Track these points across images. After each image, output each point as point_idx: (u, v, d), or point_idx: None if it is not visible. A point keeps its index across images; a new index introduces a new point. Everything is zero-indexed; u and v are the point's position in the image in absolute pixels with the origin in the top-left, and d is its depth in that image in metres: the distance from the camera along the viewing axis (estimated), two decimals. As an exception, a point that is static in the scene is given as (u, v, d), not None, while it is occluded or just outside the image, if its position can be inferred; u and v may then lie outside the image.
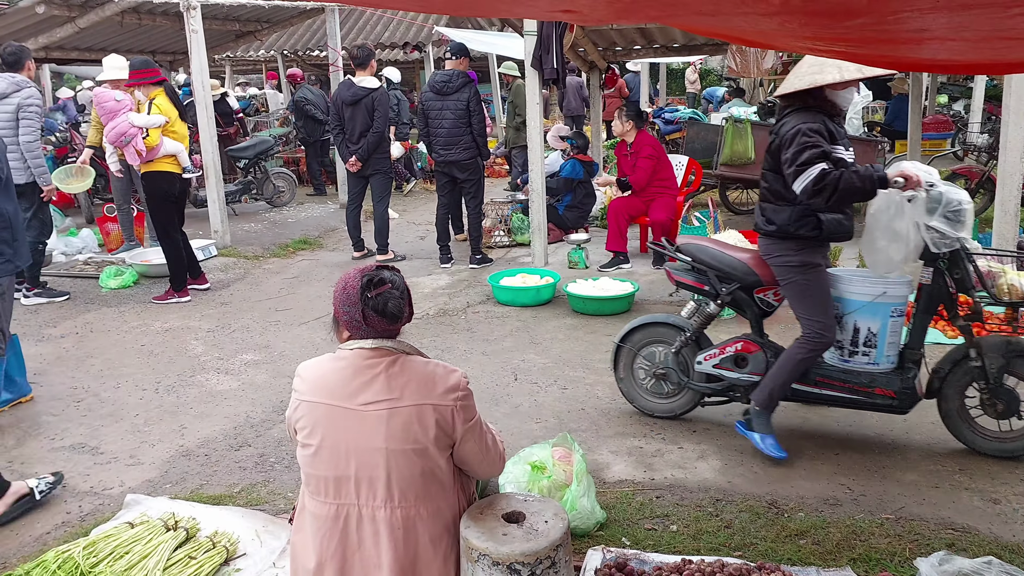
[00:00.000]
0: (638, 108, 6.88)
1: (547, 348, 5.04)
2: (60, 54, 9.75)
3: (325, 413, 2.16)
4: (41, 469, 3.65)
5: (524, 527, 2.23)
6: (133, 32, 9.34)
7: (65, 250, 7.78)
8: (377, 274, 2.22)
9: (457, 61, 6.85)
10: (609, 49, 9.32)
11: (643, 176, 6.66)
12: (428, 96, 6.87)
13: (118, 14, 8.16)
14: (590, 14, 1.60)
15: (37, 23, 8.06)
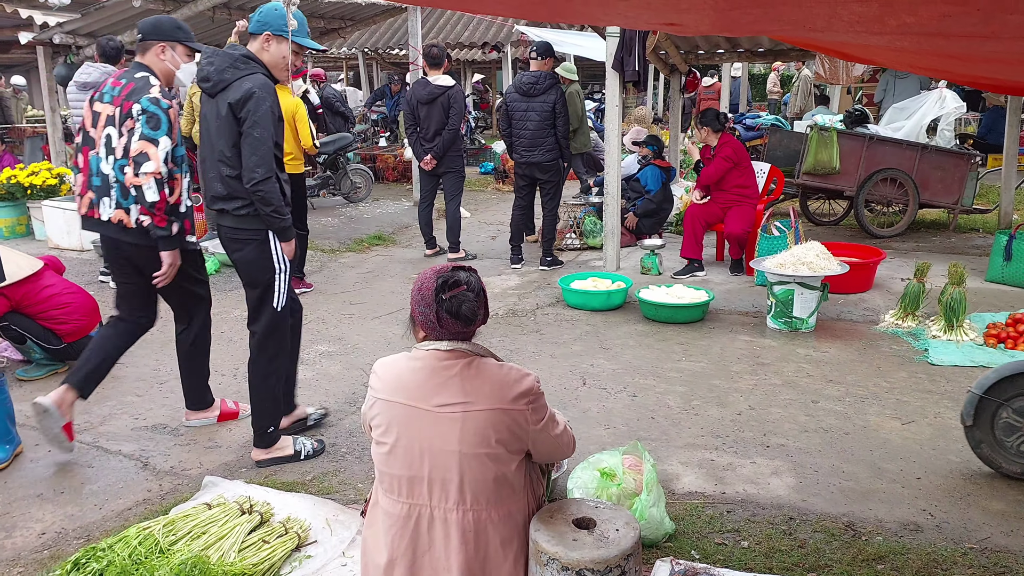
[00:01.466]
0: (716, 113, 6.74)
1: (617, 354, 4.99)
2: (155, 48, 10.15)
3: (401, 413, 2.17)
4: (125, 447, 3.80)
5: (595, 534, 2.21)
6: (222, 27, 9.63)
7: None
8: (453, 275, 2.22)
9: (543, 62, 6.84)
10: (691, 52, 9.18)
11: (712, 173, 6.52)
12: (513, 97, 6.88)
13: (210, 9, 8.42)
14: (695, 27, 1.57)
15: (133, 16, 8.36)
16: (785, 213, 7.14)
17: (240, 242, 3.44)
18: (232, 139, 3.30)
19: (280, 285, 3.48)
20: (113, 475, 3.54)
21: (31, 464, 3.65)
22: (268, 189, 3.27)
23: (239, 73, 3.30)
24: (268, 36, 3.38)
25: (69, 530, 3.11)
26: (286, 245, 3.45)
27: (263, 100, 3.24)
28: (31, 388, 4.52)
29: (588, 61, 15.43)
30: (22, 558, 2.92)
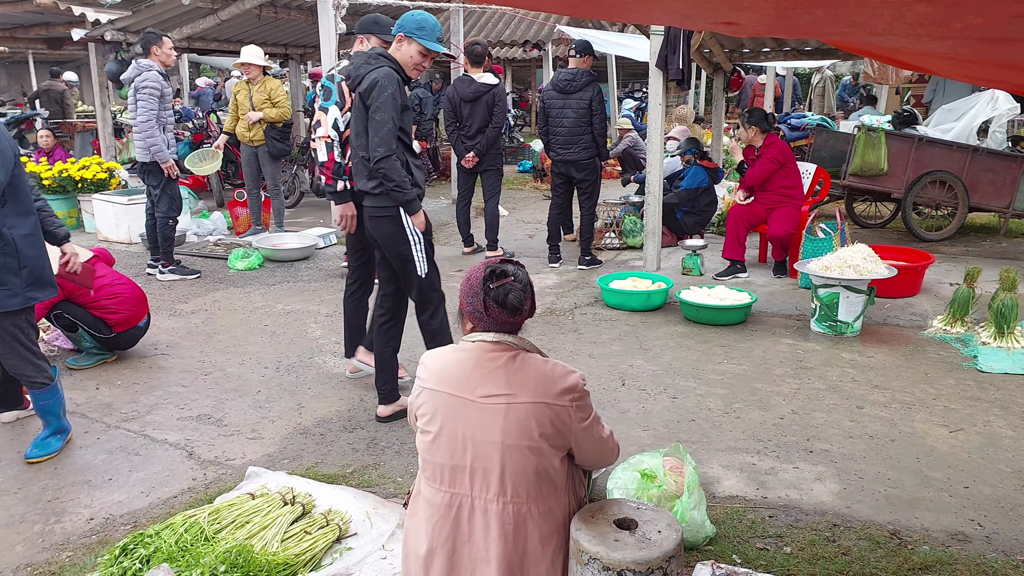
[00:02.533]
0: (763, 112, 6.65)
1: (657, 355, 4.96)
2: (201, 44, 10.34)
3: (445, 402, 2.19)
4: (170, 436, 3.88)
5: (636, 535, 2.19)
6: (269, 25, 9.78)
7: (197, 231, 8.24)
8: (500, 266, 2.25)
9: (581, 59, 6.81)
10: (736, 51, 9.07)
11: (758, 173, 6.43)
12: (550, 94, 6.87)
13: (257, 7, 8.55)
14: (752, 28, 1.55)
15: (182, 14, 8.54)
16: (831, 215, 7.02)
17: (378, 220, 3.81)
18: (364, 125, 3.70)
19: (417, 254, 3.82)
20: (159, 463, 3.62)
21: (80, 451, 3.74)
22: (389, 166, 3.61)
23: (369, 68, 3.69)
24: (401, 37, 3.72)
25: (116, 516, 3.18)
26: (415, 217, 3.77)
27: (385, 88, 3.59)
28: (80, 376, 4.63)
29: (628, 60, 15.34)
30: (71, 542, 3.00)
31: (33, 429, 3.94)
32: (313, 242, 7.68)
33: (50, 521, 3.14)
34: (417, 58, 3.72)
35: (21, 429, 3.96)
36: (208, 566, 2.48)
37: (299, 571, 2.65)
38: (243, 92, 7.73)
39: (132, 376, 4.65)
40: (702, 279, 6.50)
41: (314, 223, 8.82)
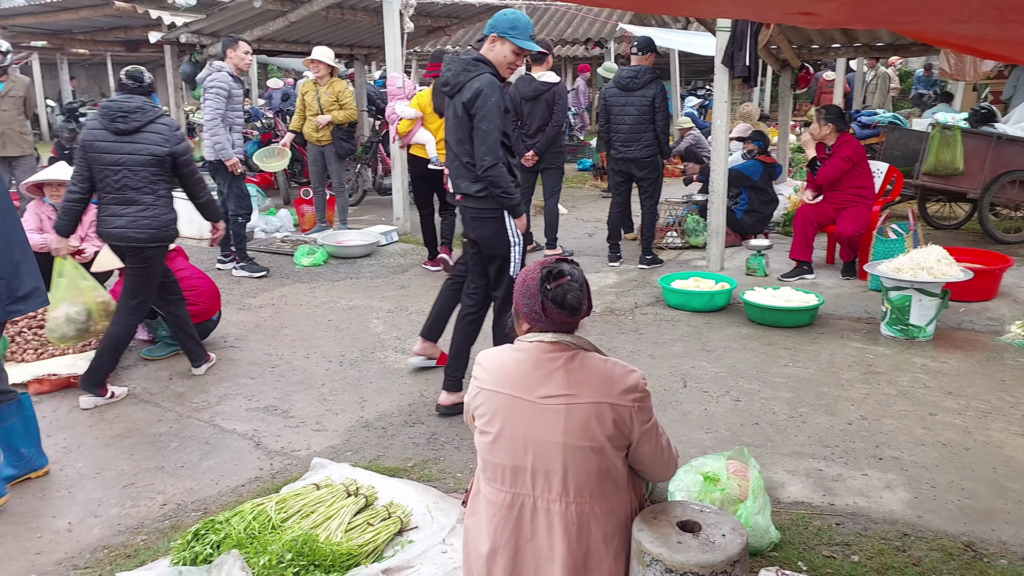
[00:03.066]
0: (839, 110, 6.47)
1: (719, 357, 4.88)
2: (270, 46, 10.58)
3: (505, 403, 2.19)
4: (239, 426, 3.99)
5: (700, 537, 2.17)
6: (335, 26, 9.95)
7: (265, 227, 8.45)
8: (557, 266, 2.23)
9: (643, 56, 6.75)
10: (804, 47, 8.86)
11: (831, 172, 6.26)
12: (612, 92, 6.82)
13: (324, 9, 8.71)
14: (829, 18, 1.50)
15: (253, 16, 8.76)
16: (903, 215, 6.81)
17: (480, 220, 3.90)
18: (467, 133, 3.77)
19: (515, 255, 3.91)
20: (228, 453, 3.72)
21: (154, 438, 3.87)
22: (496, 174, 3.71)
23: (470, 75, 3.74)
24: (494, 38, 3.77)
25: (188, 503, 3.28)
26: (518, 221, 3.87)
27: (489, 96, 3.67)
28: (155, 367, 4.80)
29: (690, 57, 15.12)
30: (145, 526, 3.11)
31: (110, 416, 4.11)
32: (376, 239, 7.79)
33: (126, 505, 3.26)
34: (511, 57, 3.78)
35: (100, 416, 4.12)
36: (275, 553, 2.54)
37: (362, 562, 2.69)
38: (311, 93, 7.88)
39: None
40: (767, 280, 6.37)
41: (376, 221, 8.95)
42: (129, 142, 4.15)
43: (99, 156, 4.15)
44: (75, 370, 4.46)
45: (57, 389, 4.40)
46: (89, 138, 4.16)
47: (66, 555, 2.92)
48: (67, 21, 10.53)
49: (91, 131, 4.19)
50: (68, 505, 3.27)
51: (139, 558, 2.86)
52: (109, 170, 4.15)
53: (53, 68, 17.26)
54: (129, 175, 4.15)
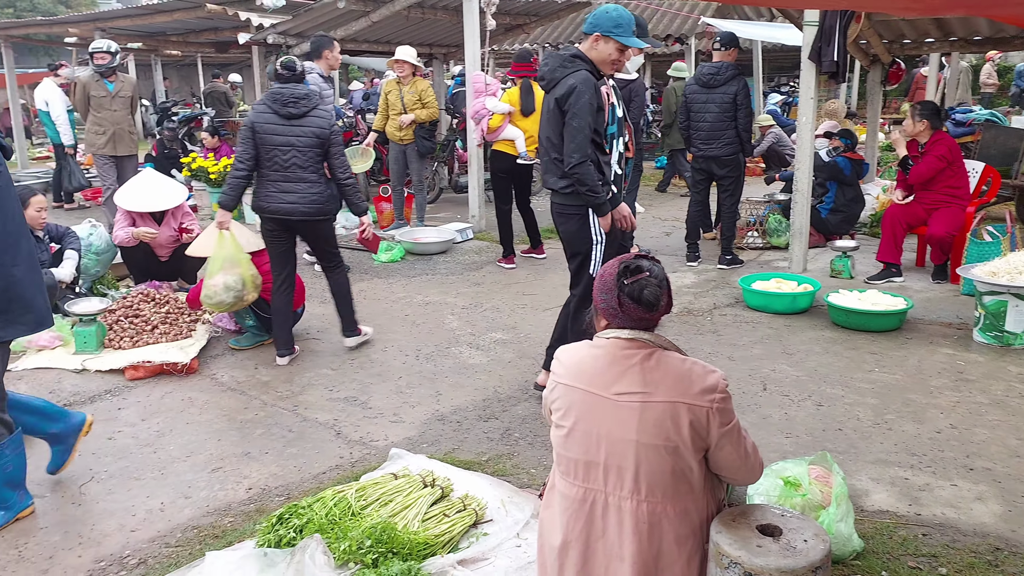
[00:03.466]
0: (934, 106, 6.21)
1: (801, 360, 4.76)
2: (352, 46, 10.82)
3: (580, 398, 2.19)
4: (320, 416, 4.10)
5: (780, 542, 2.12)
6: (416, 25, 10.11)
7: (345, 224, 8.64)
8: (635, 262, 2.21)
9: (726, 52, 6.63)
10: (896, 42, 8.53)
11: (924, 171, 6.02)
12: (692, 88, 6.73)
13: (406, 9, 8.86)
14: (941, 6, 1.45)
15: (337, 17, 8.98)
16: (999, 217, 6.50)
17: (565, 216, 3.93)
18: (558, 128, 3.78)
19: (596, 254, 3.91)
20: (310, 441, 3.83)
21: (241, 424, 4.02)
22: (584, 172, 3.71)
23: (566, 72, 3.75)
24: (597, 36, 3.76)
25: (272, 487, 3.40)
26: (603, 219, 3.86)
27: (583, 94, 3.66)
28: (241, 356, 4.98)
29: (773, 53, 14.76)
30: (232, 509, 3.23)
31: (200, 403, 4.28)
32: (451, 236, 7.89)
33: (214, 488, 3.40)
34: (615, 55, 3.78)
35: (190, 402, 4.31)
36: (355, 539, 2.61)
37: (438, 551, 2.73)
38: (394, 92, 8.02)
39: (286, 358, 4.95)
40: (852, 282, 6.17)
41: (452, 218, 9.06)
42: (297, 125, 4.59)
43: (269, 138, 4.57)
44: (168, 357, 4.67)
45: (151, 375, 4.61)
46: (259, 121, 4.58)
47: (159, 533, 3.07)
48: (161, 23, 10.99)
49: (260, 115, 4.60)
50: (161, 486, 3.42)
51: (226, 539, 2.97)
52: (279, 151, 4.58)
53: (147, 69, 18.06)
54: (298, 155, 4.59)
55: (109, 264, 6.21)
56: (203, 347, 4.96)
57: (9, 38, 13.33)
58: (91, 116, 8.15)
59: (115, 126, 8.15)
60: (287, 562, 2.50)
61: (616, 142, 3.99)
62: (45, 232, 5.41)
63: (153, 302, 5.35)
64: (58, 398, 4.31)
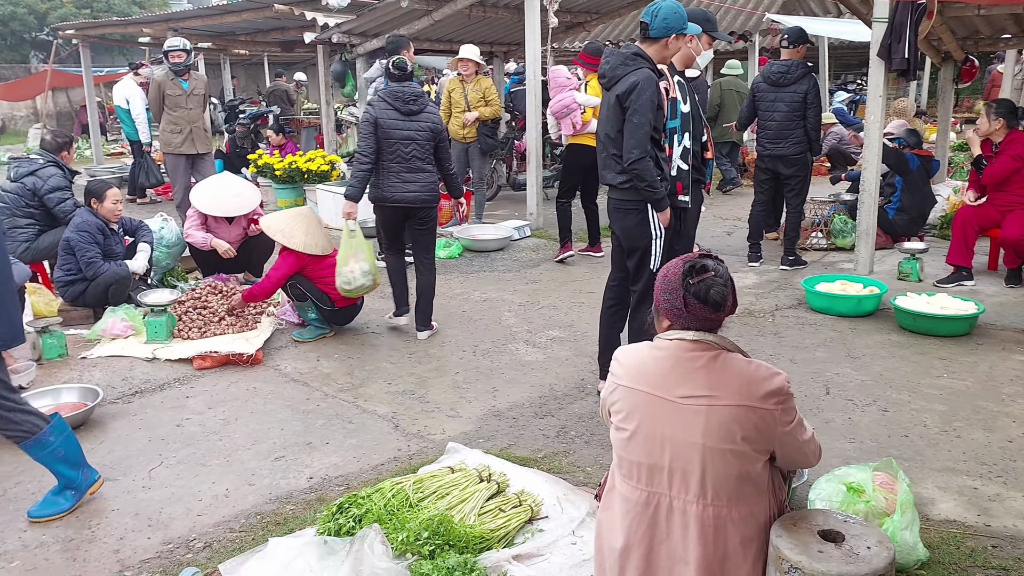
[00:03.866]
0: (1011, 105, 5.98)
1: (866, 364, 4.64)
2: (415, 45, 10.94)
3: (642, 401, 2.17)
4: (379, 408, 4.17)
5: (843, 548, 2.08)
6: (477, 24, 10.16)
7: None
8: (700, 261, 2.20)
9: (795, 50, 6.50)
10: (970, 38, 8.24)
11: (999, 171, 5.81)
12: (761, 87, 6.61)
13: (467, 7, 8.92)
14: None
15: (400, 16, 9.10)
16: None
17: (623, 212, 3.95)
18: (617, 125, 3.83)
19: (656, 249, 3.91)
20: (369, 433, 3.90)
21: (303, 415, 4.12)
22: (643, 167, 3.73)
23: (627, 69, 3.78)
24: (676, 37, 3.84)
25: (332, 477, 3.47)
26: (661, 215, 3.87)
27: (644, 91, 3.69)
28: (304, 348, 5.09)
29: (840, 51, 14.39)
30: (294, 497, 3.31)
31: (265, 393, 4.39)
32: (509, 234, 7.92)
33: (276, 476, 3.49)
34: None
35: (255, 392, 4.42)
36: (413, 531, 2.65)
37: (494, 545, 2.76)
38: (457, 90, 8.08)
39: (347, 351, 5.04)
40: (921, 285, 5.99)
41: (510, 215, 9.08)
42: (415, 121, 5.04)
43: (392, 132, 4.99)
44: (234, 348, 4.80)
45: (217, 365, 4.76)
46: (382, 117, 4.98)
47: (223, 518, 3.16)
48: (230, 23, 11.29)
49: (383, 112, 4.99)
50: (226, 473, 3.53)
51: (288, 526, 3.05)
52: (400, 144, 5.01)
53: (216, 68, 18.55)
54: (417, 148, 5.06)
55: (179, 257, 6.42)
56: (267, 339, 5.09)
57: (87, 38, 13.85)
58: (166, 115, 8.06)
59: (191, 124, 8.07)
60: (347, 550, 2.55)
61: (679, 137, 4.00)
62: (120, 225, 5.62)
63: (220, 294, 5.51)
64: (130, 385, 4.48)
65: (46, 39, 26.27)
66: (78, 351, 4.94)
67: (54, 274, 5.58)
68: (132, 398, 4.35)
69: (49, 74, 15.84)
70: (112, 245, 5.47)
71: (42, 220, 5.80)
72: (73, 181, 6.01)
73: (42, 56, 26.30)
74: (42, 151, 5.96)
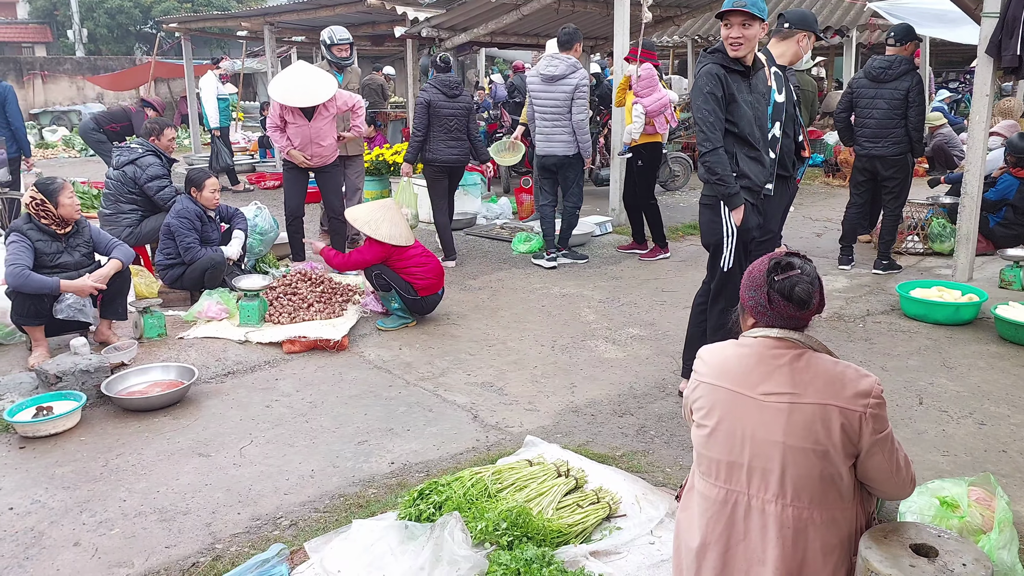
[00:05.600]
0: None
1: (962, 375, 4.44)
2: (502, 39, 10.99)
3: (724, 397, 2.15)
4: (458, 398, 4.23)
5: (936, 564, 2.01)
6: (565, 18, 10.13)
7: (486, 214, 8.84)
8: (786, 259, 2.17)
9: (901, 47, 6.26)
10: (1088, 34, 7.74)
11: None
12: (860, 83, 6.38)
13: (555, 1, 8.91)
14: None
15: (489, 11, 9.15)
16: None
17: (702, 205, 3.99)
18: None
19: (727, 247, 3.89)
20: (448, 421, 3.96)
21: (385, 401, 4.21)
22: (713, 160, 3.75)
23: (700, 66, 3.80)
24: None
25: (412, 463, 3.54)
26: (734, 213, 3.82)
27: (702, 86, 3.72)
28: (387, 337, 5.20)
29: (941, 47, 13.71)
30: (376, 481, 3.40)
31: (350, 378, 4.51)
32: (590, 229, 7.89)
33: (359, 460, 3.58)
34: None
35: (340, 377, 4.55)
36: (492, 521, 2.68)
37: (571, 541, 2.76)
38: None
39: (428, 341, 5.13)
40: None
41: (591, 211, 9.03)
42: (456, 102, 6.76)
43: (440, 111, 6.67)
44: (321, 334, 4.95)
45: (305, 350, 4.91)
46: (433, 99, 6.67)
47: (309, 498, 3.27)
48: (324, 17, 11.56)
49: (433, 95, 6.67)
50: (312, 454, 3.65)
51: (370, 509, 3.13)
52: (447, 120, 6.72)
53: (309, 61, 19.08)
54: (458, 123, 6.79)
55: (271, 244, 6.65)
56: (352, 326, 5.22)
57: (188, 31, 14.46)
58: None
59: (344, 123, 7.03)
60: (427, 536, 2.60)
61: (770, 126, 3.99)
62: (216, 212, 5.85)
63: (309, 281, 5.68)
64: (223, 366, 4.67)
65: (150, 32, 27.57)
66: (176, 331, 5.18)
67: (155, 257, 5.86)
68: (225, 378, 4.54)
69: (153, 65, 16.61)
70: (209, 232, 5.70)
71: (144, 206, 6.09)
72: (171, 169, 6.29)
73: (146, 48, 27.61)
74: (141, 140, 6.25)
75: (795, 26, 4.26)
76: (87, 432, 3.88)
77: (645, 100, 6.71)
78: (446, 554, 2.48)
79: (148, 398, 4.12)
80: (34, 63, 22.30)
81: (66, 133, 18.79)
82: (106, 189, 6.11)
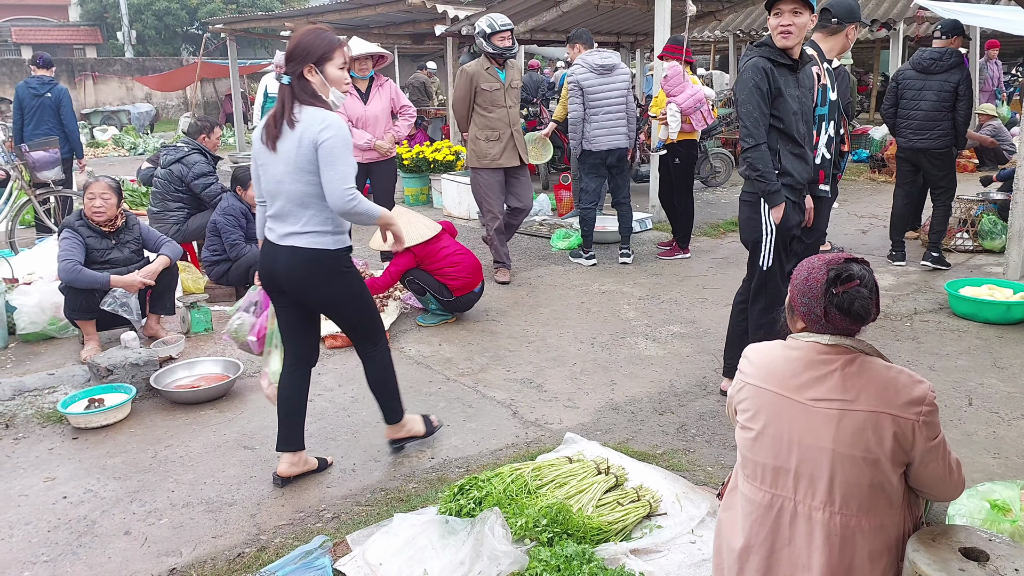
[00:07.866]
0: None
1: (1015, 375, 4.32)
2: (542, 36, 11.00)
3: (770, 400, 2.11)
4: (498, 394, 4.24)
5: (987, 568, 1.96)
6: (604, 14, 10.09)
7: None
8: (846, 268, 2.07)
9: (948, 40, 6.13)
10: None
11: None
12: (907, 74, 6.26)
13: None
14: None
15: (529, 7, 9.15)
16: None
17: (743, 202, 3.96)
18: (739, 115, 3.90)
19: (766, 246, 3.84)
20: (488, 418, 3.98)
21: (425, 396, 4.25)
22: (755, 156, 3.70)
23: (744, 60, 3.80)
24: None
25: (452, 459, 3.57)
26: (774, 211, 3.76)
27: (747, 81, 3.69)
28: (426, 333, 5.24)
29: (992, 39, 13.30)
30: (416, 476, 3.43)
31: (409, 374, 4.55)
32: (631, 226, 7.82)
33: (400, 454, 3.62)
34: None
35: (379, 373, 4.59)
36: (532, 517, 2.69)
37: (611, 538, 2.76)
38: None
39: (468, 337, 5.15)
40: (1080, 294, 5.52)
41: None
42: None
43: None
44: (361, 330, 4.99)
45: (347, 345, 4.94)
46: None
47: (350, 492, 3.31)
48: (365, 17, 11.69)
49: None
50: (353, 448, 3.69)
51: (411, 503, 3.16)
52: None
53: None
54: None
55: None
56: (393, 321, 5.27)
57: (233, 32, 14.72)
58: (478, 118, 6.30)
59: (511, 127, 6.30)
60: (467, 531, 2.62)
61: (826, 125, 3.98)
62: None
63: (350, 278, 5.73)
64: (267, 360, 4.74)
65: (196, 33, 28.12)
66: (221, 326, 5.28)
67: (201, 254, 5.98)
68: (269, 373, 4.61)
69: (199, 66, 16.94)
70: (254, 229, 5.80)
71: (190, 204, 6.22)
72: (217, 167, 6.41)
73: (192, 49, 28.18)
74: (187, 139, 6.38)
75: (844, 20, 4.22)
76: (137, 424, 3.98)
77: (678, 98, 6.63)
78: (486, 549, 2.49)
79: (196, 391, 4.22)
80: (85, 64, 22.92)
81: (116, 132, 19.25)
82: (154, 188, 6.25)
